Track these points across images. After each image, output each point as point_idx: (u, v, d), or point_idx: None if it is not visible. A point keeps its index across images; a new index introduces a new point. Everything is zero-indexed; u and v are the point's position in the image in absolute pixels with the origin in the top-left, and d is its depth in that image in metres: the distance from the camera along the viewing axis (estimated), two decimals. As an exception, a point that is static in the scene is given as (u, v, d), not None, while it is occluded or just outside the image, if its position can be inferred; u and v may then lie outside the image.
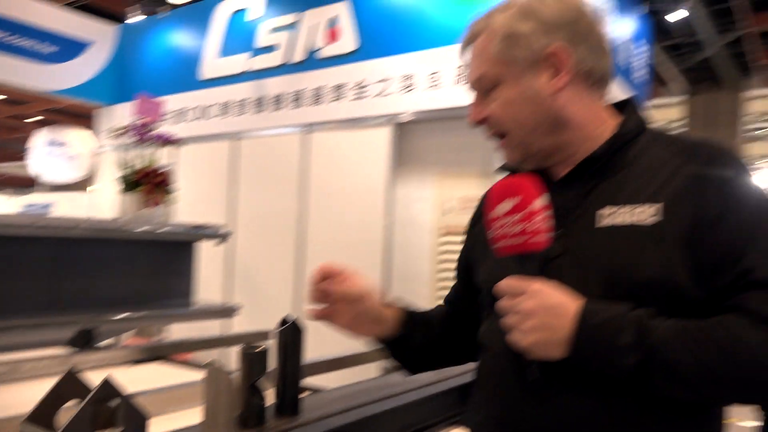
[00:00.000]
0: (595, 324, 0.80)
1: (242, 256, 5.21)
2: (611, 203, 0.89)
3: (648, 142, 0.94)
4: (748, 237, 0.82)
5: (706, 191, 0.84)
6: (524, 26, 0.93)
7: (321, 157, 4.86)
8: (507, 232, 0.84)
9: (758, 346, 0.76)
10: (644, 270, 0.83)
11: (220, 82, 5.49)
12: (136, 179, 3.29)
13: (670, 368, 0.77)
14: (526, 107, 0.95)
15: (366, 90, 4.62)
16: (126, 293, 3.08)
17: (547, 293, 0.83)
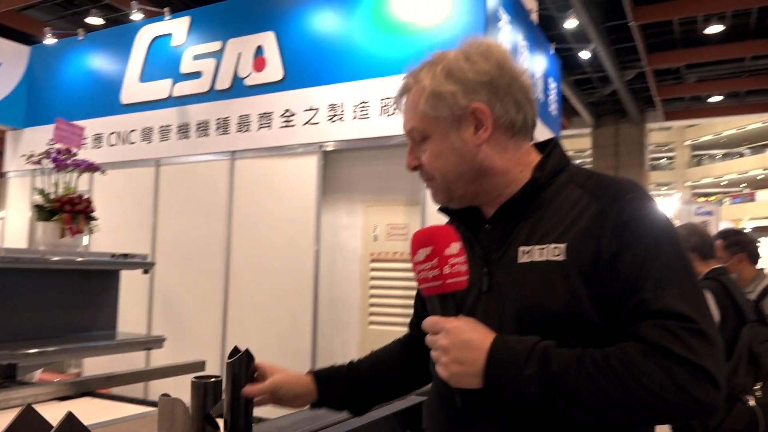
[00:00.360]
0: (503, 357, 0.87)
1: (164, 286, 5.07)
2: (528, 242, 0.98)
3: (564, 182, 1.03)
4: (644, 272, 0.89)
5: (606, 229, 0.92)
6: (448, 87, 1.01)
7: (248, 185, 4.84)
8: (425, 277, 0.92)
9: (648, 372, 0.82)
10: (553, 303, 0.92)
11: (142, 107, 5.37)
12: (55, 207, 3.17)
13: (570, 395, 0.84)
14: (451, 159, 1.03)
15: (293, 118, 4.66)
16: (46, 325, 2.95)
17: (461, 330, 0.91)
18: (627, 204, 0.94)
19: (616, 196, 0.95)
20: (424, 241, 0.92)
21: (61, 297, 3.04)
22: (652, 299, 0.86)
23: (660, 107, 14.96)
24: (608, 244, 0.91)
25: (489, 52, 1.04)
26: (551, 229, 0.97)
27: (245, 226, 4.80)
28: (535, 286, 0.94)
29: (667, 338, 0.83)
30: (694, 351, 0.83)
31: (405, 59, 4.23)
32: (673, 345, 0.83)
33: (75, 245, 3.18)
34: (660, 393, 0.81)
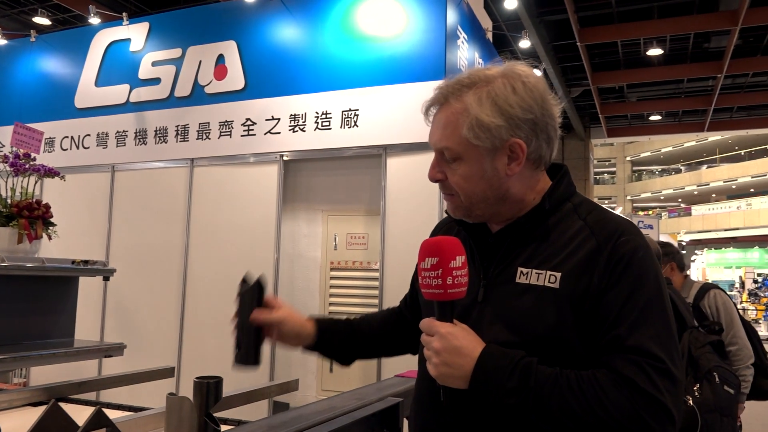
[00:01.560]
0: (489, 368, 0.96)
1: (118, 293, 5.00)
2: (527, 265, 1.04)
3: (568, 212, 1.08)
4: (625, 309, 0.97)
5: (599, 265, 0.99)
6: (495, 120, 1.03)
7: (207, 192, 4.83)
8: (429, 283, 0.99)
9: (615, 401, 0.91)
10: (541, 325, 1.00)
11: (97, 112, 5.30)
12: (12, 212, 3.12)
13: (543, 409, 0.93)
14: (480, 184, 1.07)
15: (254, 127, 4.69)
16: (3, 332, 2.90)
17: (454, 336, 0.98)
18: (621, 245, 1.00)
19: (612, 235, 1.02)
20: (432, 251, 0.97)
21: (18, 304, 3.00)
22: (629, 336, 0.95)
23: (603, 124, 15.55)
24: (599, 280, 0.98)
25: (535, 87, 1.06)
26: (550, 256, 1.03)
27: (204, 233, 4.79)
28: (528, 306, 1.01)
29: (637, 374, 0.92)
30: (659, 389, 0.92)
31: (367, 73, 4.36)
32: (641, 380, 0.92)
33: (33, 251, 3.15)
34: (621, 420, 0.91)
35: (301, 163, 4.67)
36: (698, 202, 31.62)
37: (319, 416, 1.46)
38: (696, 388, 2.26)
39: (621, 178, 33.31)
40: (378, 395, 1.67)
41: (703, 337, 2.37)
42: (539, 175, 1.12)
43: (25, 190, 3.24)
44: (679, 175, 32.55)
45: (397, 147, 4.20)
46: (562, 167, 1.16)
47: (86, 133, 5.32)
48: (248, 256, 4.57)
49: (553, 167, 1.16)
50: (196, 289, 4.75)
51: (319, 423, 1.42)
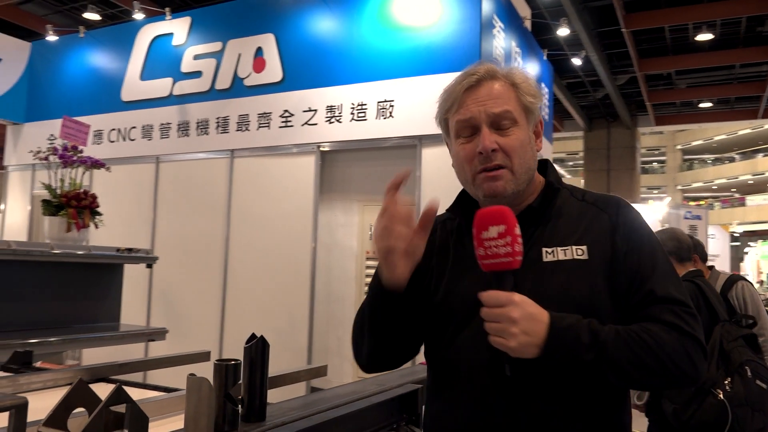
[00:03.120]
0: (563, 327, 1.01)
1: (163, 280, 5.18)
2: (549, 244, 1.13)
3: (567, 197, 1.21)
4: (650, 266, 1.10)
5: (617, 234, 1.12)
6: (536, 95, 1.19)
7: (246, 183, 4.95)
8: (496, 252, 1.00)
9: (670, 344, 1.03)
10: (578, 294, 1.08)
11: (142, 105, 5.47)
12: (62, 202, 3.27)
13: (613, 362, 1.01)
14: (528, 150, 1.17)
15: (291, 119, 4.78)
16: (53, 316, 3.06)
17: (528, 303, 1.00)
18: (626, 213, 1.16)
19: (617, 207, 1.17)
20: (496, 218, 1.00)
21: (67, 289, 3.15)
22: (658, 289, 1.08)
23: (651, 112, 15.14)
24: (621, 245, 1.11)
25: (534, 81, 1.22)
26: (569, 234, 1.14)
27: (244, 223, 4.91)
28: (562, 281, 1.09)
29: (678, 319, 1.05)
30: (695, 329, 1.06)
31: (402, 63, 4.38)
32: (683, 324, 1.05)
33: (81, 239, 3.29)
34: (677, 359, 1.03)
35: (337, 153, 4.73)
36: (753, 191, 30.51)
37: (339, 400, 1.51)
38: (727, 382, 2.23)
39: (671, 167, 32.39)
40: (399, 381, 1.72)
41: (735, 331, 2.33)
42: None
43: (73, 181, 3.39)
44: (733, 164, 31.45)
45: (432, 137, 4.22)
46: (546, 161, 1.27)
47: (132, 126, 5.50)
48: (286, 245, 4.67)
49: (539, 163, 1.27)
50: (236, 276, 4.88)
51: (338, 406, 1.47)
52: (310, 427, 1.31)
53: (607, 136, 16.53)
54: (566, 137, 20.87)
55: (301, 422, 1.32)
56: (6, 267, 2.82)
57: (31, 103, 6.25)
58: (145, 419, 0.99)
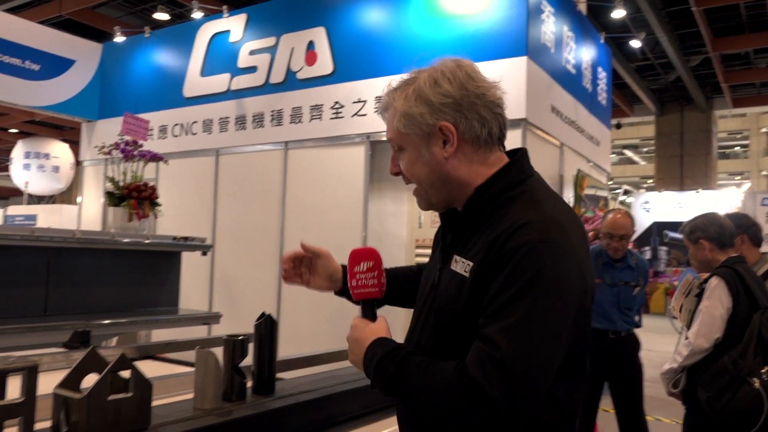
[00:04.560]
0: (367, 357, 1.13)
1: (222, 267, 5.41)
2: (460, 252, 1.12)
3: (505, 201, 1.11)
4: (492, 301, 1.00)
5: (489, 257, 1.03)
6: (417, 108, 1.13)
7: (300, 173, 5.10)
8: (365, 283, 1.21)
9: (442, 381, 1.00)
10: (457, 307, 1.09)
11: (202, 100, 5.71)
12: (123, 194, 3.48)
13: (399, 389, 1.07)
14: (423, 169, 1.15)
15: (342, 110, 4.88)
16: (115, 300, 3.28)
17: (356, 329, 1.19)
18: (514, 238, 1.02)
19: (510, 227, 1.04)
20: (366, 256, 1.21)
21: (129, 275, 3.36)
22: (485, 326, 1.00)
23: (728, 94, 14.40)
24: (487, 270, 1.04)
25: (454, 75, 1.14)
26: (474, 245, 1.09)
27: (298, 212, 5.07)
28: (450, 292, 1.11)
29: (472, 360, 0.98)
30: (486, 377, 0.95)
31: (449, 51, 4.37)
32: (471, 365, 0.97)
33: (141, 229, 3.49)
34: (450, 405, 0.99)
35: (387, 143, 4.78)
36: None
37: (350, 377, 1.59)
38: (764, 370, 2.16)
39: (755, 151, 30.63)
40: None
41: (776, 319, 2.25)
42: (487, 157, 1.15)
43: (134, 174, 3.61)
44: (824, 147, 29.44)
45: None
46: (518, 152, 1.20)
47: (193, 120, 5.76)
48: (338, 234, 4.78)
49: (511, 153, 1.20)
50: (291, 264, 5.03)
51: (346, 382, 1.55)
52: (314, 400, 1.40)
53: (680, 120, 15.84)
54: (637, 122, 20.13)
55: (307, 395, 1.41)
56: (72, 254, 3.05)
57: (103, 101, 6.63)
58: (148, 384, 1.10)
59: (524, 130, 4.26)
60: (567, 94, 5.11)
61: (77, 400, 0.99)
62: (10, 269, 2.80)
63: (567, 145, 5.12)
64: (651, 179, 22.10)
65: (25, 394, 0.93)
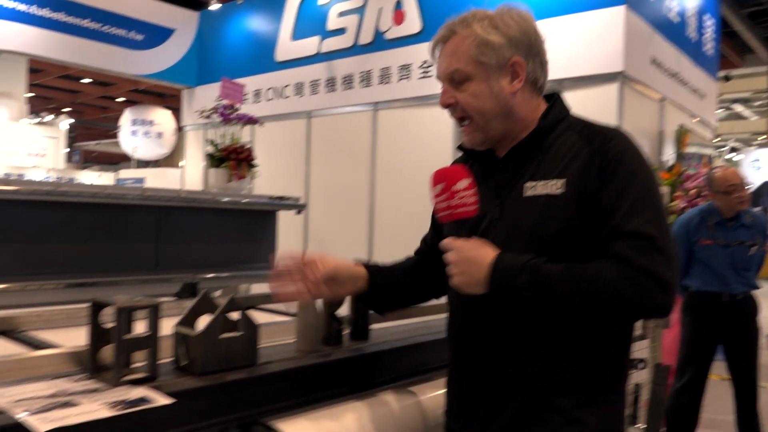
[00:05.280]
0: (501, 270, 1.09)
1: (316, 226, 5.60)
2: (532, 179, 1.17)
3: (563, 130, 1.21)
4: (619, 202, 1.09)
5: (594, 167, 1.12)
6: (496, 38, 1.18)
7: (388, 134, 5.15)
8: (440, 207, 1.14)
9: (613, 277, 1.05)
10: (551, 228, 1.13)
11: (293, 64, 5.84)
12: (223, 155, 3.66)
13: (553, 298, 1.07)
14: (489, 100, 1.19)
15: (431, 69, 4.85)
16: (217, 256, 3.49)
17: (466, 248, 1.13)
18: (611, 148, 1.14)
19: (603, 141, 1.15)
20: (439, 178, 1.14)
21: (229, 233, 3.56)
22: (625, 224, 1.08)
23: None
24: (595, 179, 1.12)
25: (526, 18, 1.22)
26: (553, 168, 1.16)
27: (387, 172, 5.14)
28: (537, 215, 1.14)
29: (632, 252, 1.06)
30: (654, 261, 1.05)
31: (541, 4, 4.24)
32: (635, 257, 1.05)
33: (239, 189, 3.67)
34: (622, 294, 1.05)
35: (476, 101, 4.74)
36: None
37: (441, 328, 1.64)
38: None
39: None
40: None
41: None
42: (537, 99, 1.25)
43: (232, 136, 3.78)
44: None
45: (573, 80, 4.09)
46: (554, 94, 1.27)
47: (285, 84, 5.91)
48: (427, 194, 4.80)
49: (548, 97, 1.27)
50: (382, 223, 5.14)
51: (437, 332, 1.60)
52: (407, 347, 1.46)
53: None
54: (749, 74, 18.68)
55: (400, 342, 1.47)
56: (178, 213, 3.26)
57: (201, 67, 6.91)
58: (255, 326, 1.19)
59: (621, 83, 4.08)
60: (669, 45, 4.83)
61: (194, 336, 1.10)
62: (124, 226, 3.03)
63: (668, 98, 4.87)
64: (763, 135, 20.60)
65: (150, 329, 1.04)
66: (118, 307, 0.99)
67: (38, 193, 2.57)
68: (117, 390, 0.97)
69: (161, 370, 1.07)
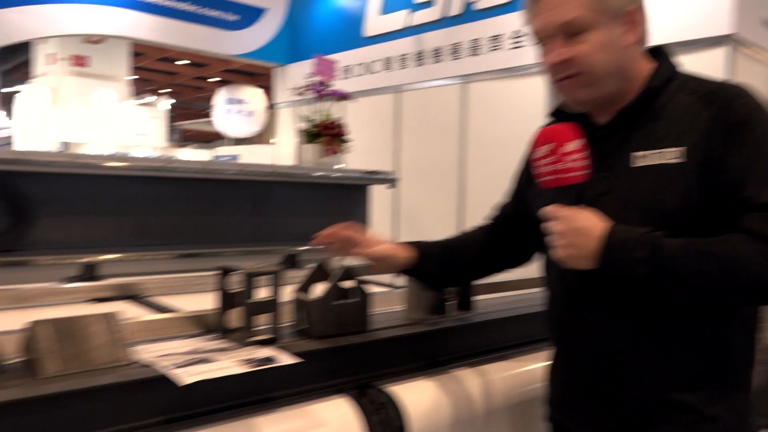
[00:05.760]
0: (616, 242, 0.97)
1: (407, 201, 5.65)
2: (643, 147, 1.06)
3: (676, 89, 1.09)
4: (749, 171, 0.97)
5: (718, 132, 1.00)
6: None
7: (479, 106, 5.09)
8: (545, 171, 1.03)
9: (747, 256, 0.93)
10: (670, 201, 1.01)
11: (382, 38, 5.86)
12: (316, 131, 3.75)
13: (675, 275, 0.95)
14: (608, 53, 1.07)
15: (523, 39, 4.74)
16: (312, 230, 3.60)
17: (575, 218, 1.01)
18: (737, 108, 1.00)
19: (727, 101, 1.02)
20: (546, 138, 1.03)
21: (323, 207, 3.66)
22: (756, 195, 0.95)
23: None
24: (719, 145, 0.99)
25: None
26: (666, 134, 1.05)
27: (478, 146, 5.09)
28: (653, 186, 1.03)
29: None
30: None
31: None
32: None
33: (332, 163, 3.76)
34: (756, 273, 0.92)
35: (570, 71, 4.60)
36: None
37: (543, 300, 1.64)
38: None
39: None
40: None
41: None
42: (643, 57, 1.13)
43: (325, 112, 3.86)
44: None
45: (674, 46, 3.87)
46: (660, 48, 1.14)
47: (374, 59, 5.94)
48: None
49: (652, 52, 1.14)
50: (472, 198, 5.12)
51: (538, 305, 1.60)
52: (510, 318, 1.47)
53: None
54: None
55: (503, 313, 1.49)
56: (275, 187, 3.38)
57: (292, 45, 7.06)
58: (366, 294, 1.24)
59: (731, 48, 3.84)
60: (784, 3, 4.48)
61: (312, 302, 1.16)
62: (225, 200, 3.18)
63: (786, 63, 4.53)
64: None
65: (273, 293, 1.10)
66: (245, 273, 1.06)
67: (151, 169, 2.74)
68: (245, 349, 1.04)
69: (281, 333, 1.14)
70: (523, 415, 1.40)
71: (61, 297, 1.77)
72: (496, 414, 1.36)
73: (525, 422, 1.39)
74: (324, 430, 1.04)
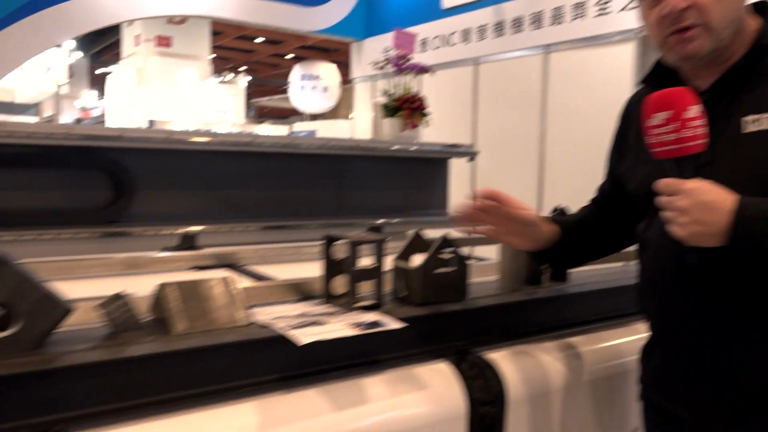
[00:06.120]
0: (750, 216, 0.88)
1: (485, 173, 5.60)
2: (755, 111, 0.97)
3: None
4: None
5: None
6: None
7: (561, 77, 4.96)
8: (663, 140, 0.93)
9: None
10: None
11: (460, 10, 5.78)
12: (397, 105, 3.76)
13: None
14: (733, 2, 1.01)
15: (609, 5, 4.56)
16: (393, 203, 3.64)
17: (701, 191, 0.91)
18: None
19: None
20: (663, 104, 0.93)
21: (404, 180, 3.69)
22: None
23: None
24: None
25: None
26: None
27: (560, 117, 4.97)
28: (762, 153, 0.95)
29: None
30: None
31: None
32: None
33: (412, 137, 3.77)
34: None
35: (659, 38, 4.40)
36: None
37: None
38: None
39: None
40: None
41: None
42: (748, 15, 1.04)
43: (405, 86, 3.87)
44: None
45: None
46: (764, 4, 1.05)
47: (452, 31, 5.87)
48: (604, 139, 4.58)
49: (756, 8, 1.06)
50: (553, 172, 5.02)
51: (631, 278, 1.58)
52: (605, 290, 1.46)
53: None
54: None
55: (598, 285, 1.48)
56: (357, 161, 3.43)
57: (369, 20, 7.07)
58: (464, 262, 1.26)
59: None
60: None
61: (413, 270, 1.19)
62: (307, 174, 3.26)
63: None
64: None
65: (377, 261, 1.14)
66: (350, 241, 1.10)
67: (240, 144, 2.85)
68: (352, 314, 1.09)
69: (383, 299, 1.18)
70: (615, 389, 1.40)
71: (165, 264, 1.89)
72: (588, 385, 1.36)
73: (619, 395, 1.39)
74: (428, 393, 1.08)
